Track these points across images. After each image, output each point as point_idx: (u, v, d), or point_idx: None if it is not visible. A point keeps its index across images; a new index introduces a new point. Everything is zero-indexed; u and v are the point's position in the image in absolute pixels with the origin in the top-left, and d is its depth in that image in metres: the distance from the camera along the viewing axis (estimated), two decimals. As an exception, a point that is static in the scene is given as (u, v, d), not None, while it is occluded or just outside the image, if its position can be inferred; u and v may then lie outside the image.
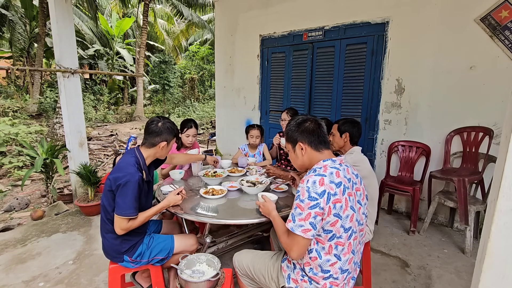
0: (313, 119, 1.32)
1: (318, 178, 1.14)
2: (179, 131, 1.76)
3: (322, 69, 3.73)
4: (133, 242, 1.58)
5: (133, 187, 1.44)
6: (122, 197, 1.43)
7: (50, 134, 7.23)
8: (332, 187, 1.13)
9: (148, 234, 1.71)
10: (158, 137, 1.61)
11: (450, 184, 2.90)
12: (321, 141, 1.28)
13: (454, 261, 2.40)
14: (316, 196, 1.11)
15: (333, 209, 1.12)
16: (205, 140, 7.79)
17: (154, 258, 1.62)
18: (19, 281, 2.11)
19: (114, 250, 1.55)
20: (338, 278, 1.21)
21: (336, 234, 1.16)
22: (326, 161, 1.22)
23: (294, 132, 1.31)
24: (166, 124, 1.65)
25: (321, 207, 1.11)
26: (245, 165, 2.61)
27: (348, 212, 1.16)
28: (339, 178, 1.16)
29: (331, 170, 1.17)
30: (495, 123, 2.66)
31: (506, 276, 0.81)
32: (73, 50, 3.32)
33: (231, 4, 4.69)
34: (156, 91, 14.63)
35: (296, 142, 1.30)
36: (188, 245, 1.72)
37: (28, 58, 12.28)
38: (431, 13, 2.86)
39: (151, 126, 1.62)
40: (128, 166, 1.48)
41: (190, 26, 15.29)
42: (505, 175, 0.77)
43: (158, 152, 1.65)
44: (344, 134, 2.00)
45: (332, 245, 1.17)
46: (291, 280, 1.29)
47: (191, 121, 2.61)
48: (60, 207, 3.41)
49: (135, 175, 1.45)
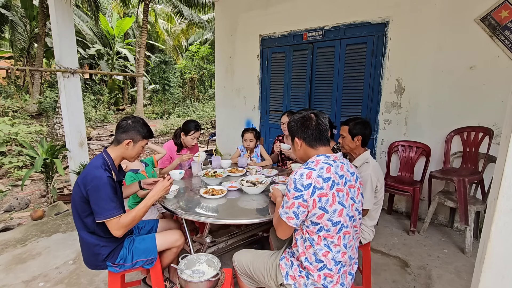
0: (314, 116, 1.32)
1: (306, 171, 1.19)
2: (152, 135, 1.69)
3: (322, 69, 3.73)
4: (112, 247, 1.52)
5: (105, 189, 1.38)
6: (97, 201, 1.37)
7: (50, 134, 7.23)
8: (319, 181, 1.17)
9: (134, 235, 1.65)
10: (124, 134, 1.55)
11: (450, 184, 2.90)
12: (317, 138, 1.30)
13: (454, 261, 2.40)
14: (301, 188, 1.16)
15: (318, 202, 1.16)
16: (205, 140, 7.79)
17: (138, 261, 1.57)
18: (19, 281, 2.11)
19: (95, 258, 1.50)
20: (332, 270, 1.23)
21: (324, 226, 1.20)
22: (320, 156, 1.26)
23: (293, 127, 1.36)
24: (136, 124, 1.58)
25: (304, 199, 1.16)
26: (245, 165, 2.61)
27: (336, 207, 1.19)
28: (328, 174, 1.20)
29: (322, 165, 1.22)
30: (495, 123, 2.66)
31: (506, 276, 0.81)
32: (73, 50, 3.33)
33: (231, 4, 4.69)
34: (156, 91, 14.64)
35: (294, 137, 1.36)
36: (172, 241, 1.67)
37: (28, 58, 12.29)
38: (431, 13, 2.86)
39: (121, 123, 1.58)
40: (94, 169, 1.42)
41: (190, 26, 15.30)
42: (505, 175, 0.77)
43: (124, 151, 1.57)
44: (357, 137, 1.92)
45: (320, 236, 1.21)
46: (289, 277, 1.31)
47: (197, 124, 2.60)
48: (60, 207, 3.41)
49: (102, 176, 1.40)
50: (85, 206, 1.43)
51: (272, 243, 1.82)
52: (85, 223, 1.47)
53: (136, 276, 2.12)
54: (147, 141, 1.65)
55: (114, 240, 1.55)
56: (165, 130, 10.03)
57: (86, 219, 1.46)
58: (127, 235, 1.67)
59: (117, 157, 1.57)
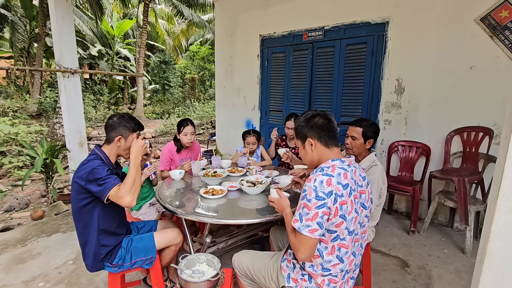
0: (323, 114, 1.29)
1: (325, 178, 1.12)
2: (142, 127, 1.69)
3: (322, 69, 3.73)
4: (110, 247, 1.53)
5: (101, 169, 1.41)
6: (96, 181, 1.38)
7: (50, 134, 7.23)
8: (339, 188, 1.11)
9: (127, 236, 1.66)
10: (113, 132, 1.57)
11: (450, 184, 2.90)
12: (331, 137, 1.25)
13: (454, 261, 2.40)
14: (324, 195, 1.09)
15: (340, 210, 1.11)
16: (205, 140, 7.79)
17: (137, 261, 1.58)
18: (19, 281, 2.11)
19: (93, 259, 1.51)
20: (337, 276, 1.21)
21: (340, 235, 1.15)
22: (335, 161, 1.19)
23: (304, 128, 1.28)
24: (122, 120, 1.60)
25: (328, 206, 1.09)
26: (245, 165, 2.61)
27: (353, 215, 1.15)
28: (346, 180, 1.14)
29: (339, 171, 1.15)
30: (495, 123, 2.66)
31: (506, 276, 0.81)
32: (73, 50, 3.33)
33: (231, 4, 4.69)
34: (156, 91, 14.64)
35: (306, 138, 1.27)
36: (170, 239, 1.68)
37: (28, 58, 12.29)
38: (431, 13, 2.86)
39: (108, 122, 1.60)
40: (86, 161, 1.47)
41: (191, 26, 15.29)
42: (505, 175, 0.77)
43: (117, 148, 1.59)
44: (369, 141, 1.88)
45: (335, 245, 1.16)
46: (291, 279, 1.28)
47: (186, 119, 2.60)
48: (60, 207, 3.41)
49: (95, 161, 1.44)
50: (86, 200, 1.44)
51: (273, 244, 1.82)
52: (87, 220, 1.48)
53: (136, 276, 2.12)
54: (138, 134, 1.66)
55: (114, 238, 1.56)
56: (165, 130, 10.02)
57: (88, 214, 1.47)
58: (125, 235, 1.67)
59: (111, 154, 1.59)
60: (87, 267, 1.55)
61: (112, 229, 1.56)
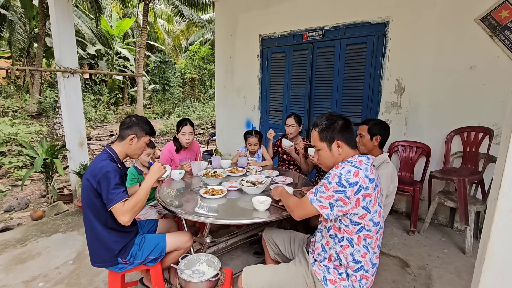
0: (342, 116, 1.35)
1: (353, 169, 1.18)
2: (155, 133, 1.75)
3: (322, 69, 3.73)
4: (124, 243, 1.55)
5: (114, 175, 1.44)
6: (107, 189, 1.41)
7: (50, 134, 7.23)
8: (366, 181, 1.16)
9: (140, 234, 1.69)
10: (128, 130, 1.61)
11: (450, 184, 2.90)
12: (353, 137, 1.33)
13: (454, 261, 2.40)
14: (346, 184, 1.15)
15: (362, 202, 1.16)
16: (205, 140, 7.79)
17: (148, 258, 1.60)
18: (19, 281, 2.11)
19: (107, 253, 1.52)
20: (368, 271, 1.23)
21: (365, 227, 1.20)
22: (362, 157, 1.26)
23: (330, 131, 1.32)
24: (140, 121, 1.65)
25: (347, 195, 1.15)
26: (245, 165, 2.61)
27: (376, 208, 1.20)
28: (372, 175, 1.20)
29: (366, 166, 1.22)
30: (495, 123, 2.66)
31: (506, 276, 0.81)
32: (73, 50, 3.32)
33: (231, 4, 4.68)
34: (156, 91, 14.63)
35: (334, 141, 1.31)
36: (182, 242, 1.70)
37: (28, 58, 12.29)
38: (431, 13, 2.86)
39: (125, 120, 1.65)
40: (101, 161, 1.49)
41: (190, 26, 15.30)
42: (505, 175, 0.77)
43: (128, 147, 1.62)
44: (375, 137, 1.90)
45: (360, 236, 1.21)
46: (328, 281, 1.26)
47: (185, 119, 2.60)
48: (60, 207, 3.41)
49: (110, 165, 1.46)
50: (98, 199, 1.46)
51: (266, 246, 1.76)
52: (102, 217, 1.49)
53: (136, 276, 2.12)
54: (150, 138, 1.70)
55: (125, 236, 1.58)
56: (165, 130, 10.03)
57: (102, 213, 1.48)
58: (136, 232, 1.69)
59: (121, 153, 1.62)
60: (93, 263, 1.56)
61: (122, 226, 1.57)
